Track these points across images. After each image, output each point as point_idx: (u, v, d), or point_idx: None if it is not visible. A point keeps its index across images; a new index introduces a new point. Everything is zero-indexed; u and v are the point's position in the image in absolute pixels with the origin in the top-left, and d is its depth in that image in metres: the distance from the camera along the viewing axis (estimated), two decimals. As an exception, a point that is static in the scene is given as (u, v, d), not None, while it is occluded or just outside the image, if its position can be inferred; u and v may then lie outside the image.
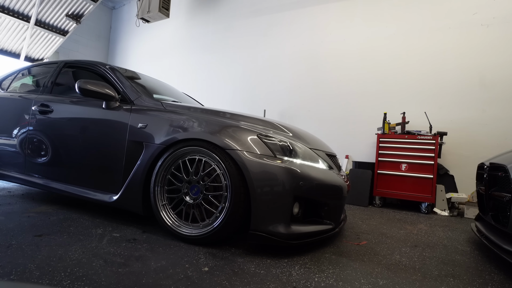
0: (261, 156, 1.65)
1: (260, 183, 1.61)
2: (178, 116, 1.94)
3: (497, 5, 3.80)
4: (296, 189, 1.64)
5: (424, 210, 3.46)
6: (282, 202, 1.61)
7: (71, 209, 2.31)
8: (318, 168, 1.83)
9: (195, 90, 6.37)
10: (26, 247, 1.47)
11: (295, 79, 5.18)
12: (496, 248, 1.73)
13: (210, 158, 1.74)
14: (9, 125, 2.61)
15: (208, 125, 1.81)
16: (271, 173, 1.62)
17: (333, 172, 1.96)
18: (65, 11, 6.26)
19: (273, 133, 1.84)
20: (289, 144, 1.77)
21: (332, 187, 1.85)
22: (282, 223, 1.61)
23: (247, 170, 1.61)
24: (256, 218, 1.60)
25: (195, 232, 1.71)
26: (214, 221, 1.67)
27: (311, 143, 2.04)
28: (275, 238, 1.60)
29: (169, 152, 1.82)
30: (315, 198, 1.78)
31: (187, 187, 1.78)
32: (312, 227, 1.76)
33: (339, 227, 1.97)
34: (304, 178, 1.68)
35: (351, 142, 4.59)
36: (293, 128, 2.16)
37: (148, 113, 2.03)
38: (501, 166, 1.86)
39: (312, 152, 1.89)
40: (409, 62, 4.28)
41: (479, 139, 3.77)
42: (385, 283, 1.38)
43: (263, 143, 1.71)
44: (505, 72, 3.71)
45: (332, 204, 1.89)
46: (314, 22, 5.08)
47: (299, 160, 1.77)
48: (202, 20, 6.43)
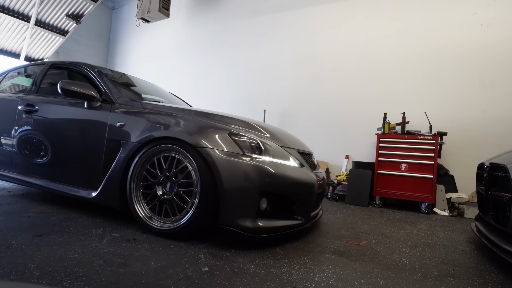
0: (230, 154, 1.73)
1: (228, 179, 1.68)
2: (154, 116, 2.03)
3: (497, 5, 3.80)
4: (263, 185, 1.70)
5: (424, 210, 3.46)
6: (249, 197, 1.69)
7: (71, 209, 2.31)
8: (287, 166, 1.90)
9: (195, 90, 6.37)
10: (26, 247, 1.47)
11: (295, 79, 5.18)
12: (496, 248, 1.73)
13: (183, 156, 1.81)
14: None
15: (181, 124, 1.91)
16: (238, 169, 1.69)
17: (305, 169, 2.02)
18: (65, 11, 6.26)
19: (245, 132, 1.91)
20: (258, 142, 1.85)
21: (301, 183, 1.92)
22: (249, 217, 1.68)
23: (216, 167, 1.69)
24: (224, 212, 1.68)
25: (167, 226, 1.78)
26: (184, 216, 1.74)
27: (285, 142, 2.12)
28: (242, 231, 1.67)
29: (145, 149, 1.90)
30: (283, 194, 1.84)
31: (160, 183, 1.85)
32: (280, 222, 1.83)
33: (310, 222, 2.04)
34: (271, 174, 1.75)
35: (351, 142, 4.59)
36: (269, 128, 2.23)
37: (126, 113, 2.12)
38: (501, 166, 1.86)
39: (283, 150, 1.97)
40: (409, 62, 4.28)
41: (479, 139, 3.77)
42: (385, 283, 1.38)
43: (233, 141, 1.79)
44: (505, 72, 3.71)
45: (302, 200, 1.95)
46: (314, 22, 5.08)
47: (269, 157, 1.84)
48: (202, 20, 6.43)
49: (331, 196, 4.04)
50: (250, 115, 5.55)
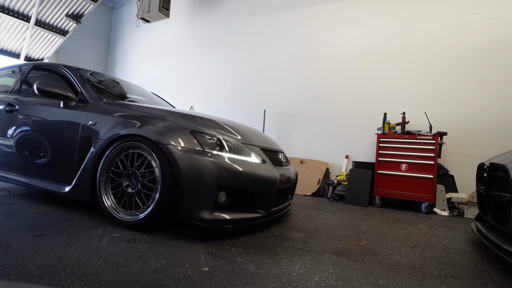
0: (190, 150, 1.85)
1: (186, 174, 1.79)
2: (124, 114, 2.17)
3: (497, 5, 3.80)
4: (220, 180, 1.81)
5: (424, 210, 3.46)
6: (206, 191, 1.79)
7: (71, 209, 2.31)
8: (247, 161, 2.01)
9: (195, 90, 6.37)
10: (26, 247, 1.47)
11: (295, 79, 5.18)
12: (496, 248, 1.73)
13: (147, 152, 1.92)
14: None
15: (146, 122, 2.03)
16: (197, 165, 1.81)
17: (266, 165, 2.15)
18: (65, 11, 6.26)
19: (207, 130, 2.02)
20: (218, 139, 1.97)
21: (260, 179, 2.02)
22: (207, 209, 1.79)
23: (176, 162, 1.80)
24: (183, 205, 1.81)
25: (131, 218, 1.89)
26: (146, 209, 1.85)
27: (250, 140, 2.25)
28: (200, 223, 1.80)
29: (113, 146, 2.01)
30: (243, 188, 1.94)
31: (127, 178, 1.97)
32: (239, 214, 1.93)
33: (271, 216, 2.17)
34: (228, 169, 1.86)
35: (351, 142, 4.59)
36: (237, 127, 2.37)
37: (99, 112, 2.25)
38: (501, 166, 1.86)
39: (244, 147, 2.09)
40: (409, 62, 4.28)
41: (479, 139, 3.77)
42: (385, 283, 1.38)
43: (193, 138, 1.90)
44: (505, 72, 3.71)
45: (263, 195, 2.06)
46: (314, 22, 5.08)
47: (228, 154, 1.95)
48: (202, 20, 6.43)
49: (331, 196, 4.04)
50: (250, 115, 5.56)
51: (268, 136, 2.80)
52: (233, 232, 2.02)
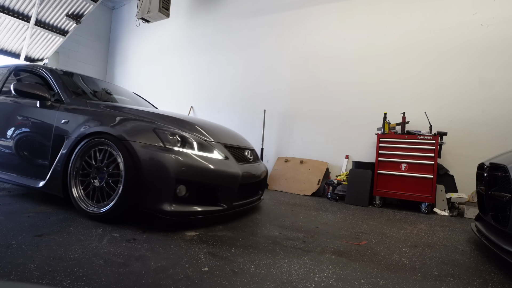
0: (152, 146, 1.98)
1: (148, 169, 1.93)
2: (94, 114, 2.33)
3: (497, 5, 3.80)
4: (179, 174, 1.92)
5: (424, 210, 3.46)
6: (166, 184, 1.91)
7: (71, 209, 2.31)
8: (208, 157, 2.14)
9: (195, 90, 6.37)
10: (26, 247, 1.47)
11: (295, 79, 5.18)
12: (496, 248, 1.73)
13: (112, 148, 2.05)
14: None
15: (113, 120, 2.17)
16: (157, 160, 1.93)
17: (228, 161, 2.27)
18: (65, 11, 6.26)
19: (171, 128, 2.14)
20: (181, 136, 2.09)
21: (220, 174, 2.14)
22: (166, 202, 1.91)
23: (138, 157, 1.94)
24: (144, 198, 1.94)
25: (97, 210, 2.02)
26: (112, 201, 1.97)
27: (215, 137, 2.38)
28: (160, 215, 1.93)
29: (83, 143, 2.16)
30: (203, 182, 2.06)
31: (95, 172, 2.11)
32: (199, 207, 2.05)
33: (233, 209, 2.28)
34: (188, 165, 1.98)
35: (351, 142, 4.59)
36: (204, 125, 2.53)
37: (72, 111, 2.41)
38: (501, 166, 1.86)
39: (206, 144, 2.22)
40: (409, 62, 4.28)
41: (479, 139, 3.77)
42: (385, 283, 1.38)
43: (156, 135, 2.03)
44: (505, 72, 3.71)
45: (223, 189, 2.17)
46: (314, 22, 5.08)
47: (189, 150, 2.07)
48: (202, 20, 6.43)
49: (331, 196, 4.04)
50: (250, 115, 5.56)
51: (238, 134, 2.98)
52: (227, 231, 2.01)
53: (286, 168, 4.85)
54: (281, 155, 5.14)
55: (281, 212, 2.95)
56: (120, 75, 7.81)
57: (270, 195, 4.07)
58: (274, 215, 2.74)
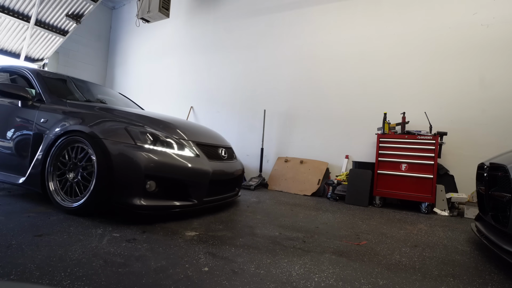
0: (123, 144, 2.10)
1: (118, 165, 2.04)
2: (72, 113, 2.45)
3: (497, 5, 3.80)
4: (148, 170, 2.04)
5: (424, 210, 3.46)
6: (135, 180, 2.03)
7: (71, 209, 2.31)
8: (178, 154, 2.26)
9: (195, 90, 6.37)
10: (26, 247, 1.47)
11: (295, 79, 5.18)
12: (496, 248, 1.73)
13: (86, 146, 2.18)
14: None
15: (88, 120, 2.29)
16: (127, 157, 2.05)
17: (199, 159, 2.39)
18: (65, 11, 6.26)
19: (142, 127, 2.26)
20: (151, 135, 2.21)
21: (190, 170, 2.25)
22: (136, 197, 2.03)
23: (109, 154, 2.06)
24: (115, 193, 2.05)
25: (71, 204, 2.15)
26: (85, 196, 2.10)
27: (188, 136, 2.50)
28: (130, 209, 2.03)
29: (60, 141, 2.28)
30: (172, 178, 2.16)
31: (71, 168, 2.24)
32: (169, 202, 2.17)
33: (204, 204, 2.40)
34: (157, 161, 2.09)
35: (351, 142, 4.59)
36: (180, 124, 2.68)
37: (51, 111, 2.54)
38: (501, 166, 1.86)
39: (177, 142, 2.34)
40: (409, 62, 4.28)
41: (479, 139, 3.77)
42: (385, 283, 1.38)
43: (127, 133, 2.15)
44: (505, 72, 3.71)
45: (193, 185, 2.29)
46: (314, 22, 5.08)
47: (159, 147, 2.19)
48: (202, 20, 6.43)
49: (331, 196, 4.04)
50: (250, 115, 5.56)
51: (215, 133, 3.12)
52: (227, 231, 2.01)
53: (286, 168, 4.85)
54: (281, 155, 5.14)
55: (281, 212, 2.95)
56: (120, 75, 7.81)
57: (270, 195, 4.07)
58: (274, 215, 2.74)
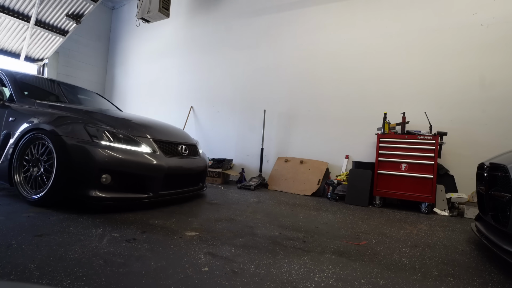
0: (80, 140, 2.29)
1: (75, 160, 2.24)
2: (37, 112, 2.62)
3: (497, 5, 3.80)
4: (103, 164, 2.23)
5: (424, 210, 3.46)
6: (91, 173, 2.22)
7: (71, 209, 2.31)
8: (133, 150, 2.44)
9: (195, 90, 6.37)
10: (26, 247, 1.47)
11: (295, 79, 5.18)
12: (496, 248, 1.73)
13: (48, 142, 2.36)
14: None
15: (51, 118, 2.47)
16: (84, 152, 2.24)
17: (155, 154, 2.57)
18: (65, 11, 6.25)
19: (99, 124, 2.45)
20: (107, 132, 2.40)
21: (145, 165, 2.44)
22: (92, 189, 2.22)
23: (67, 150, 2.26)
24: (72, 185, 2.24)
25: (34, 196, 2.33)
26: (45, 188, 2.29)
27: (147, 133, 2.70)
28: (86, 200, 2.23)
29: (24, 138, 2.48)
30: (126, 172, 2.35)
31: (35, 163, 2.42)
32: (124, 194, 2.36)
33: (160, 197, 2.58)
34: (112, 156, 2.28)
35: (351, 142, 4.59)
36: (143, 122, 2.93)
37: (19, 110, 2.74)
38: (501, 166, 1.86)
39: (134, 139, 2.52)
40: (409, 62, 4.28)
41: (479, 139, 3.77)
42: (385, 283, 1.38)
43: (85, 131, 2.34)
44: (505, 72, 3.71)
45: (149, 178, 2.48)
46: (314, 22, 5.08)
47: (115, 144, 2.37)
48: (202, 20, 6.43)
49: (331, 196, 4.04)
50: (250, 115, 5.56)
51: (179, 132, 3.31)
52: (227, 231, 2.00)
53: (286, 168, 4.85)
54: (281, 155, 5.14)
55: (281, 212, 2.95)
56: (120, 75, 7.80)
57: (270, 195, 4.07)
58: (274, 215, 2.74)
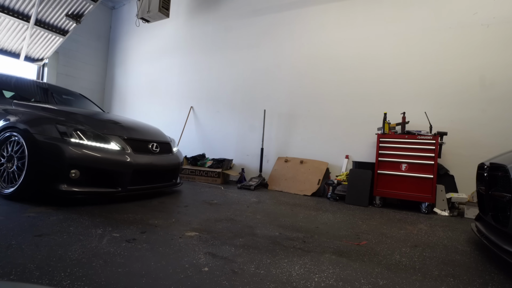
0: (51, 138, 2.44)
1: (46, 156, 2.40)
2: (13, 112, 2.77)
3: (497, 5, 3.80)
4: (71, 160, 2.39)
5: (424, 210, 3.46)
6: (60, 169, 2.38)
7: (71, 209, 2.31)
8: (103, 148, 2.60)
9: (195, 90, 6.37)
10: (26, 247, 1.47)
11: (295, 79, 5.18)
12: (496, 248, 1.73)
13: (21, 140, 2.51)
14: None
15: (25, 117, 2.63)
16: (53, 149, 2.39)
17: (123, 151, 2.73)
18: (65, 11, 6.25)
19: (70, 123, 2.59)
20: (77, 130, 2.55)
21: (112, 161, 2.60)
22: (61, 183, 2.38)
23: (37, 146, 2.42)
24: (43, 180, 2.41)
25: (8, 190, 2.47)
26: (17, 183, 2.43)
27: (119, 131, 2.87)
28: (56, 194, 2.38)
29: (1, 135, 2.63)
30: (94, 167, 2.51)
31: (8, 159, 2.57)
32: (92, 188, 2.53)
33: (128, 192, 2.74)
34: (80, 153, 2.44)
35: (351, 142, 4.59)
36: (114, 121, 3.14)
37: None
38: (501, 166, 1.86)
39: (103, 136, 2.68)
40: (409, 62, 4.28)
41: (479, 139, 3.77)
42: (385, 283, 1.38)
43: (56, 129, 2.48)
44: (505, 72, 3.71)
45: (117, 174, 2.64)
46: (314, 22, 5.08)
47: (85, 141, 2.54)
48: (202, 20, 6.43)
49: (331, 196, 4.04)
50: (250, 115, 5.55)
51: (153, 130, 3.47)
52: (227, 231, 2.00)
53: (286, 168, 4.85)
54: (281, 155, 5.14)
55: (281, 212, 2.95)
56: (120, 75, 7.80)
57: (270, 195, 4.07)
58: (274, 215, 2.74)
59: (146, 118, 7.06)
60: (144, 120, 7.02)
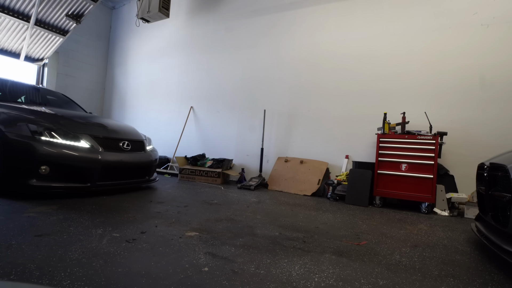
0: (22, 136, 2.61)
1: (17, 153, 2.57)
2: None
3: (497, 5, 3.80)
4: (41, 157, 2.55)
5: (424, 210, 3.46)
6: (30, 165, 2.55)
7: (71, 209, 2.31)
8: (72, 145, 2.76)
9: (195, 90, 6.37)
10: (26, 247, 1.47)
11: (295, 79, 5.18)
12: (496, 248, 1.73)
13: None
14: None
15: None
16: (24, 146, 2.56)
17: (93, 149, 2.88)
18: (65, 11, 6.25)
19: (41, 122, 2.76)
20: (47, 128, 2.71)
21: (81, 158, 2.76)
22: (31, 178, 2.54)
23: (10, 144, 2.58)
24: (15, 176, 2.57)
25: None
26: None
27: (89, 130, 3.04)
28: (26, 189, 2.54)
29: None
30: (63, 164, 2.66)
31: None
32: (62, 183, 2.69)
33: (97, 187, 2.90)
34: (50, 150, 2.60)
35: (351, 142, 4.59)
36: (88, 120, 3.35)
37: None
38: (501, 166, 1.86)
39: (73, 135, 2.83)
40: (409, 62, 4.28)
41: (479, 139, 3.77)
42: (385, 283, 1.38)
43: (27, 128, 2.65)
44: (505, 72, 3.71)
45: (85, 170, 2.80)
46: (314, 22, 5.08)
47: (54, 139, 2.70)
48: (202, 20, 6.43)
49: (331, 196, 4.04)
50: (250, 115, 5.56)
51: (126, 129, 3.63)
52: (227, 231, 2.00)
53: (286, 168, 4.85)
54: (281, 155, 5.14)
55: (281, 212, 2.95)
56: (120, 75, 7.80)
57: (270, 195, 4.07)
58: (274, 215, 2.74)
59: (146, 118, 7.07)
60: (144, 120, 7.06)
